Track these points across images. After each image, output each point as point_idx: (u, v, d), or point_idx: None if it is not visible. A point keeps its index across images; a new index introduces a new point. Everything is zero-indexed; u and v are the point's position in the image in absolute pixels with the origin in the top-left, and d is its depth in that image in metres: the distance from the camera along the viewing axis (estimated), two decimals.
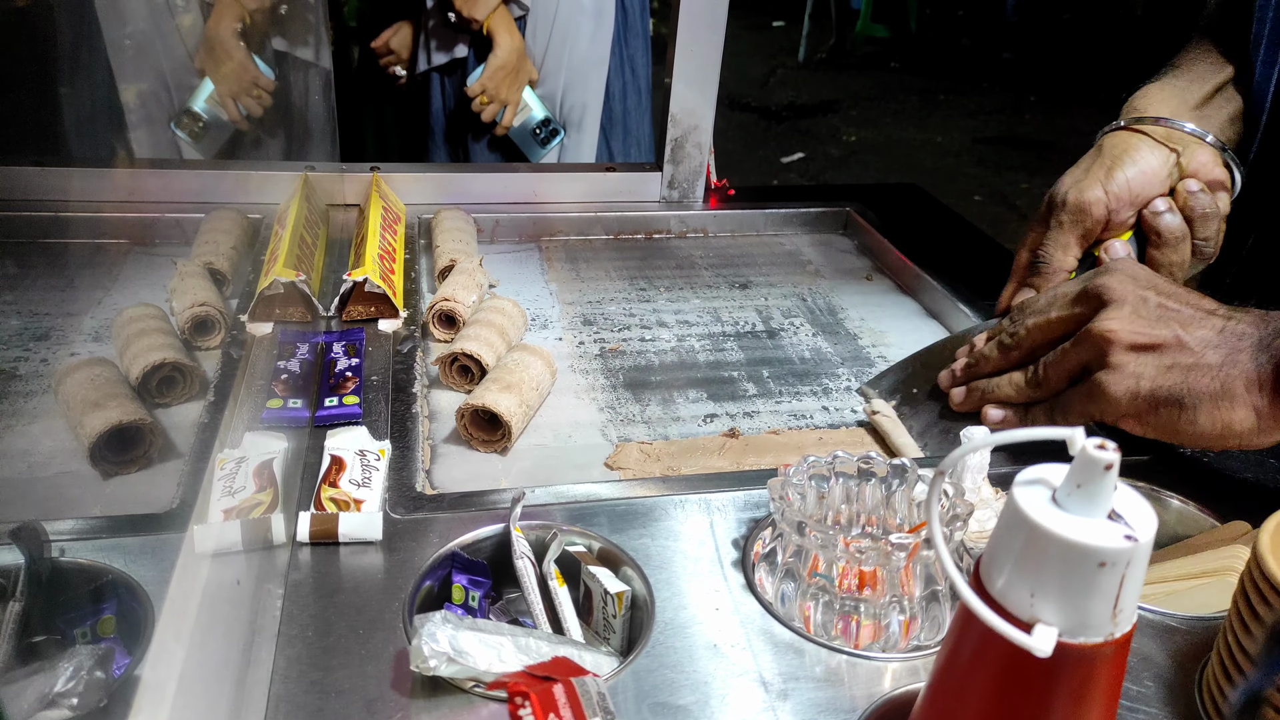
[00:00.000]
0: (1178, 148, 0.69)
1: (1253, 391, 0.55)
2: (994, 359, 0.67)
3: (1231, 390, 0.55)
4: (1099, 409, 0.60)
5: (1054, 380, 0.63)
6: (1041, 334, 0.64)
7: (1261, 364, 0.55)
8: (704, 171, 1.05)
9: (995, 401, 0.67)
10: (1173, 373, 0.57)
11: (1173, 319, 0.59)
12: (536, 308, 0.88)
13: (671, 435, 0.72)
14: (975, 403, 0.68)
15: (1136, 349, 0.58)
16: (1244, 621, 0.46)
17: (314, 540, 0.55)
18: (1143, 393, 0.57)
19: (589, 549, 0.57)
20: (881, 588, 0.51)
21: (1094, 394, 0.60)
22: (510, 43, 1.52)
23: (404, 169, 1.02)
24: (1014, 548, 0.38)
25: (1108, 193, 0.68)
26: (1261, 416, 0.55)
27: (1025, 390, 0.65)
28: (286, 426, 0.64)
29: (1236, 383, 0.55)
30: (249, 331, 0.75)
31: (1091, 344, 0.60)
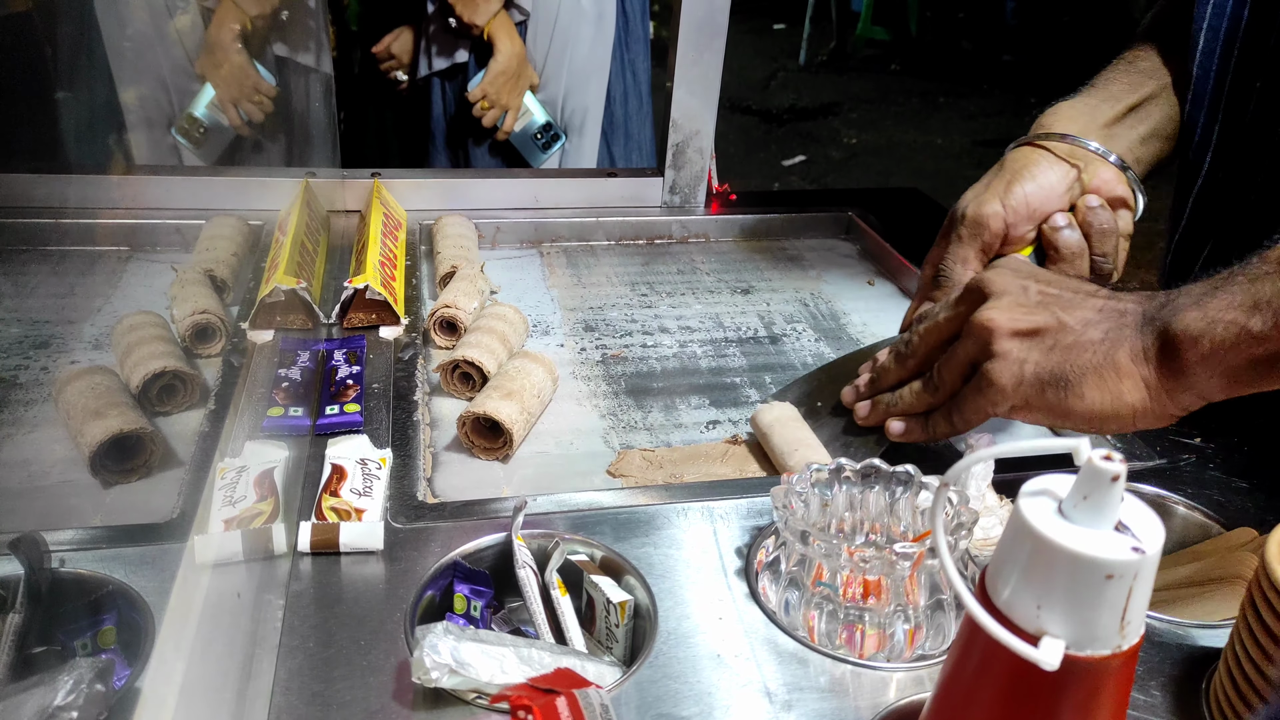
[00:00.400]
0: (1079, 164, 0.69)
1: (1139, 363, 0.55)
2: (893, 370, 0.67)
3: (1116, 362, 0.55)
4: (990, 400, 0.59)
5: (948, 381, 0.63)
6: (934, 337, 0.64)
7: (1146, 336, 0.55)
8: (705, 177, 1.05)
9: (899, 414, 0.67)
10: (1055, 353, 0.57)
11: (1053, 303, 0.59)
12: (538, 314, 0.88)
13: (674, 442, 0.71)
14: (879, 416, 0.68)
15: (1018, 335, 0.58)
16: (1252, 631, 0.45)
17: (315, 550, 0.55)
18: (1028, 377, 0.57)
19: (591, 558, 0.57)
20: (886, 597, 0.51)
21: (982, 386, 0.59)
22: (511, 48, 1.52)
23: (405, 175, 1.02)
24: (1020, 559, 0.37)
25: (1005, 206, 0.68)
26: (1151, 388, 0.54)
27: (924, 397, 0.65)
28: (287, 435, 0.64)
29: (1121, 355, 0.55)
30: (250, 339, 0.74)
31: (975, 336, 0.60)
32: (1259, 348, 0.51)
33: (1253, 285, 0.52)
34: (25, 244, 0.91)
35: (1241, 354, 0.51)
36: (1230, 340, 0.51)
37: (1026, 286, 0.60)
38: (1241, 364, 0.52)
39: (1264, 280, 0.51)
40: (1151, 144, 0.73)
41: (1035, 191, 0.68)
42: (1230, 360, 0.52)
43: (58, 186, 0.94)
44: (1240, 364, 0.52)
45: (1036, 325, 0.58)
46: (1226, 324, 0.51)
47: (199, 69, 1.17)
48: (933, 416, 0.65)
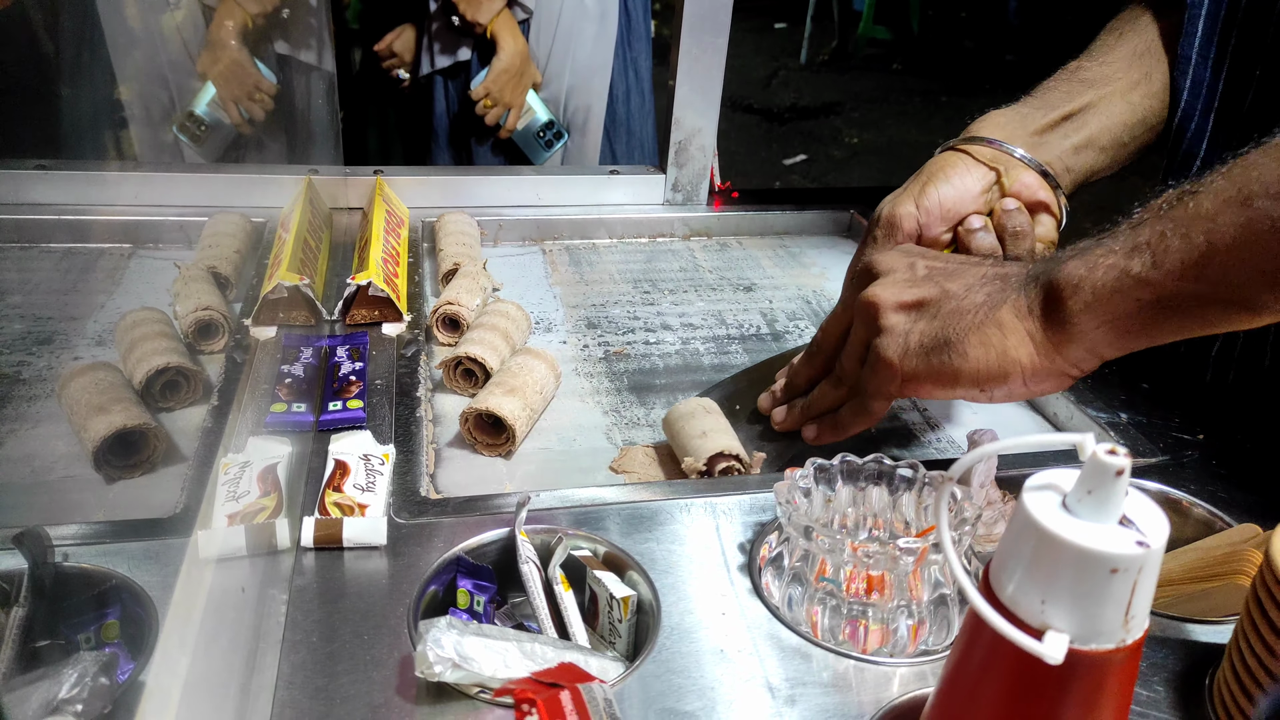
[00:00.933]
0: (1000, 168, 0.68)
1: (1023, 318, 0.54)
2: (804, 370, 0.67)
3: (999, 320, 0.55)
4: (881, 378, 0.59)
5: (850, 370, 0.62)
6: (834, 328, 0.64)
7: (1029, 291, 0.54)
8: (708, 174, 1.05)
9: (814, 415, 0.66)
10: (938, 320, 0.57)
11: (937, 276, 0.59)
12: (541, 311, 0.88)
13: None
14: (795, 421, 0.67)
15: (903, 309, 0.58)
16: (1256, 627, 0.45)
17: (318, 545, 0.55)
18: (913, 347, 0.57)
19: (594, 553, 0.57)
20: (889, 592, 0.51)
21: (874, 363, 0.59)
22: (514, 46, 1.52)
23: (407, 172, 1.02)
24: (1024, 554, 0.37)
25: (919, 207, 0.67)
26: (1037, 343, 0.54)
27: (833, 393, 0.64)
28: (290, 431, 0.64)
29: (1003, 312, 0.55)
30: (252, 335, 0.74)
31: (863, 315, 0.60)
32: (1142, 291, 0.50)
33: (1133, 231, 0.51)
34: (28, 240, 0.91)
35: (1125, 299, 0.50)
36: (1111, 284, 0.51)
37: (914, 264, 0.60)
38: (1128, 311, 0.51)
39: (1144, 225, 0.51)
40: (1085, 154, 0.72)
41: (950, 193, 0.67)
42: (1114, 307, 0.51)
43: (60, 183, 0.94)
44: (1126, 311, 0.51)
45: (920, 297, 0.58)
46: (1106, 268, 0.51)
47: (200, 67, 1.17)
48: (841, 411, 0.64)
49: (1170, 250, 0.49)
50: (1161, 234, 0.50)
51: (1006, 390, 0.56)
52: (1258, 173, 0.48)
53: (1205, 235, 0.48)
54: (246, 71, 1.15)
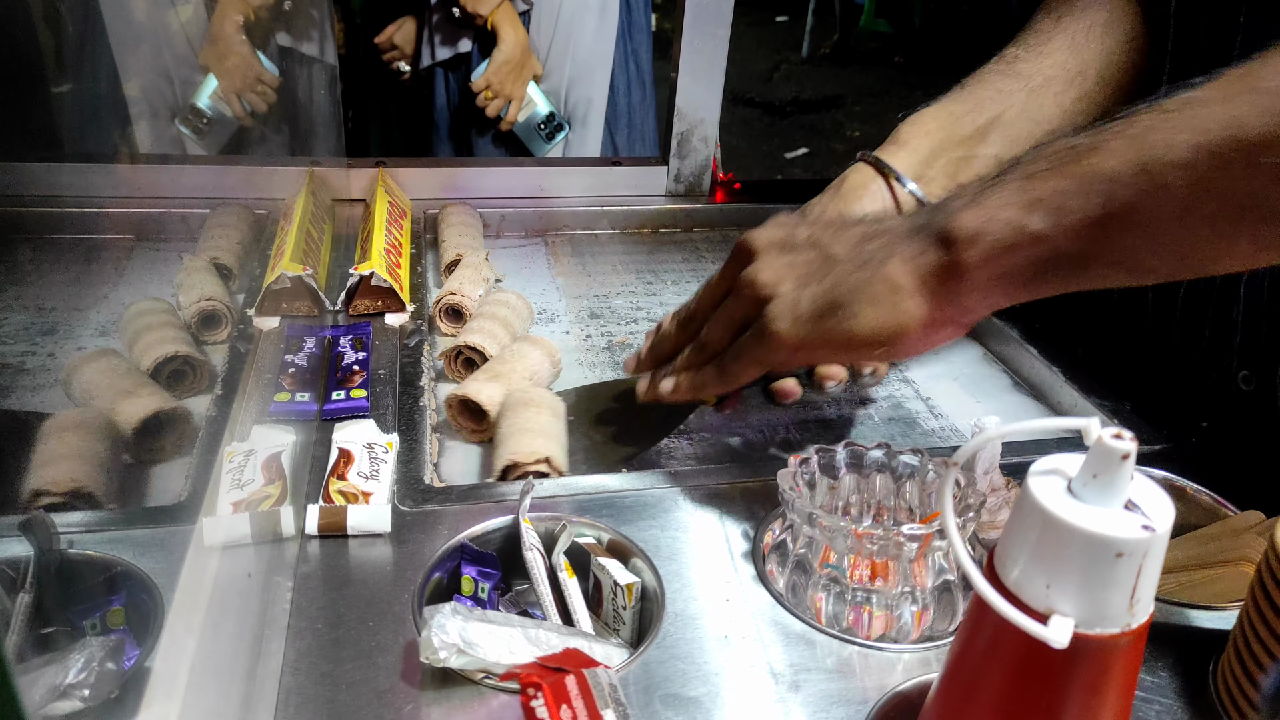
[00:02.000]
0: (901, 204, 0.67)
1: (914, 271, 0.52)
2: (673, 336, 0.64)
3: (888, 276, 0.53)
4: (769, 348, 0.57)
5: (716, 339, 0.60)
6: (708, 298, 0.62)
7: (917, 242, 0.52)
8: (710, 166, 1.05)
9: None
10: (825, 283, 0.55)
11: (818, 241, 0.57)
12: (543, 302, 0.88)
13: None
14: (654, 391, 0.63)
15: (788, 278, 0.56)
16: (1261, 613, 0.45)
17: (323, 533, 0.55)
18: (803, 314, 0.55)
19: (599, 540, 0.57)
20: (893, 578, 0.51)
21: (761, 335, 0.57)
22: (515, 38, 1.52)
23: (410, 164, 1.02)
24: (1029, 538, 0.37)
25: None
26: (931, 294, 0.52)
27: (694, 358, 0.62)
28: (294, 420, 0.64)
29: (892, 267, 0.52)
30: (256, 326, 0.74)
31: (747, 291, 0.58)
32: (1038, 248, 0.48)
33: (1029, 182, 0.49)
34: (32, 232, 0.91)
35: (1020, 255, 0.49)
36: (1008, 238, 0.49)
37: (792, 232, 0.58)
38: (1021, 264, 0.49)
39: (1040, 178, 0.49)
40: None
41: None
42: (1009, 260, 0.49)
43: (64, 176, 0.94)
44: (1020, 264, 0.49)
45: (805, 266, 0.56)
46: (1004, 222, 0.49)
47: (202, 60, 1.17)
48: (702, 369, 0.61)
49: (1068, 210, 0.47)
50: (1061, 191, 0.48)
51: (904, 346, 0.54)
52: (1158, 137, 0.46)
53: (1104, 199, 0.47)
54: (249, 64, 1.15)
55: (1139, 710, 0.47)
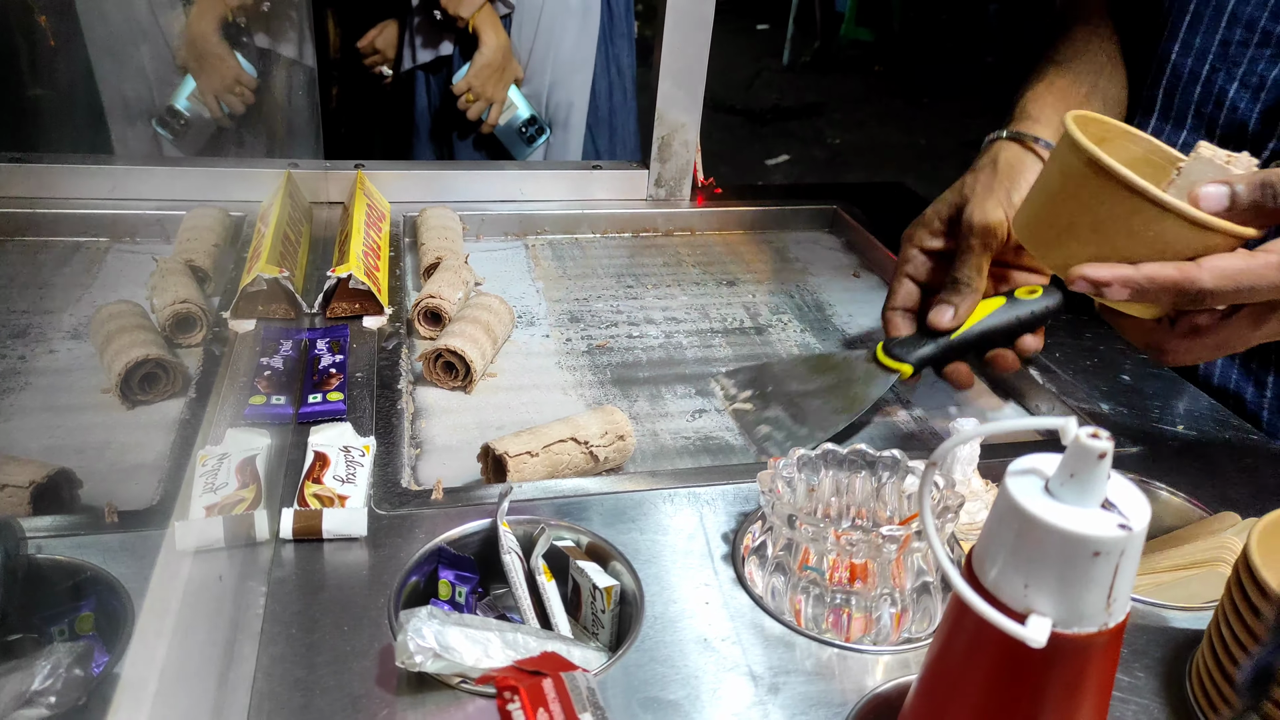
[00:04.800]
0: None
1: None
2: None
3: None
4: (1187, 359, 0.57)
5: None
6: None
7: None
8: (691, 170, 1.05)
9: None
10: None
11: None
12: (524, 305, 0.87)
13: (660, 431, 0.71)
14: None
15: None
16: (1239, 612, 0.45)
17: (298, 537, 0.54)
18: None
19: (577, 544, 0.57)
20: (873, 580, 0.51)
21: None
22: (496, 41, 1.52)
23: (389, 167, 1.01)
24: (1007, 538, 0.37)
25: (1008, 214, 0.66)
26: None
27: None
28: (270, 423, 0.63)
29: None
30: (231, 328, 0.73)
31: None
32: None
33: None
34: (2, 233, 0.90)
35: None
36: None
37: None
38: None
39: None
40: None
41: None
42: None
43: (35, 176, 0.92)
44: None
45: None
46: None
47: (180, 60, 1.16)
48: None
49: None
50: None
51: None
52: None
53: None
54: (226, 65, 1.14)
55: (1116, 710, 0.48)
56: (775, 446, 0.68)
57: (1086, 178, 0.50)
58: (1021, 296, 0.69)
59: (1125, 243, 0.50)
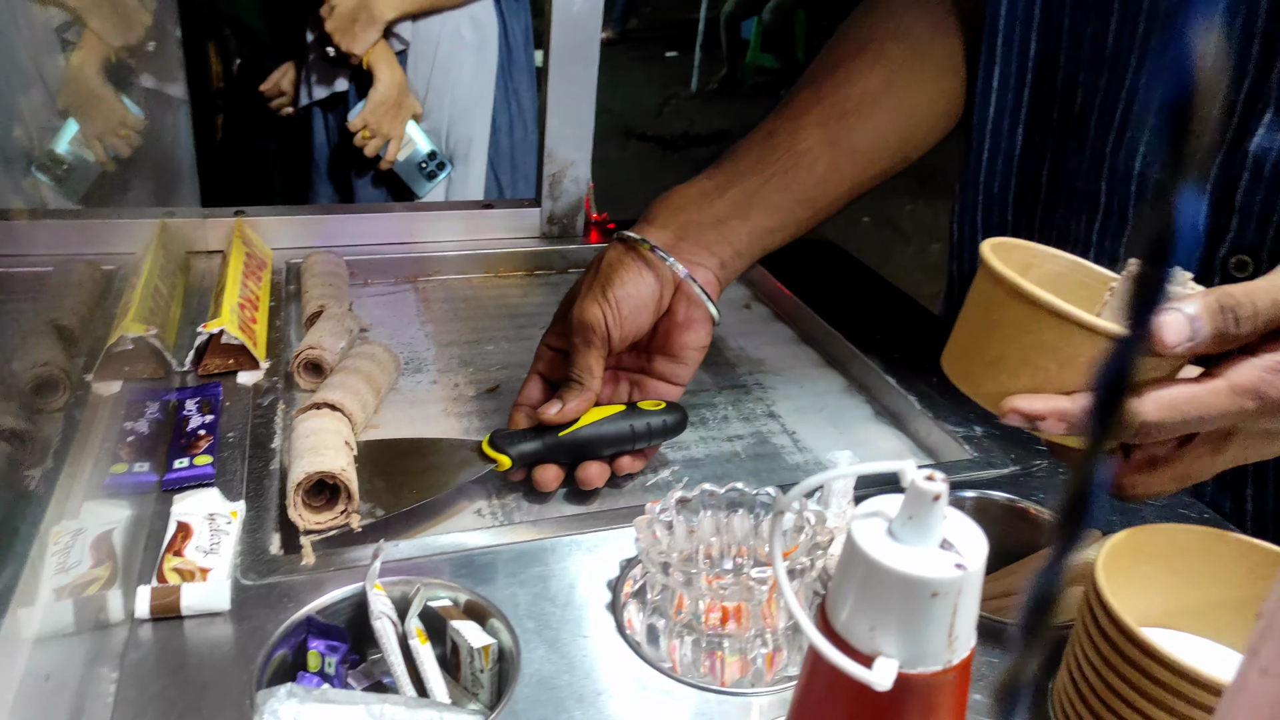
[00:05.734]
0: (664, 275, 0.67)
1: None
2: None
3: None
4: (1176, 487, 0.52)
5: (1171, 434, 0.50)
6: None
7: None
8: (583, 206, 1.05)
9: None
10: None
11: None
12: (411, 351, 0.86)
13: None
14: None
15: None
16: (1088, 632, 0.47)
17: (156, 615, 0.52)
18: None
19: (455, 602, 0.56)
20: (747, 621, 0.51)
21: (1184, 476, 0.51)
22: (391, 77, 1.50)
23: (273, 212, 0.99)
24: (854, 581, 0.38)
25: (605, 310, 0.65)
26: None
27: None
28: (131, 493, 0.60)
29: None
30: (95, 391, 0.70)
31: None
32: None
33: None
34: None
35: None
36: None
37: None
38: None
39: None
40: (766, 238, 0.72)
41: (626, 298, 0.66)
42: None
43: None
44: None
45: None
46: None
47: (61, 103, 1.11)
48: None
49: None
50: None
51: None
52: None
53: None
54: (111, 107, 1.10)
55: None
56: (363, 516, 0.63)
57: (1009, 307, 0.47)
58: (644, 407, 0.68)
59: (1058, 371, 0.47)
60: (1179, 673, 0.43)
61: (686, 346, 0.69)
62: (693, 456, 0.75)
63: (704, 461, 0.74)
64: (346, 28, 1.46)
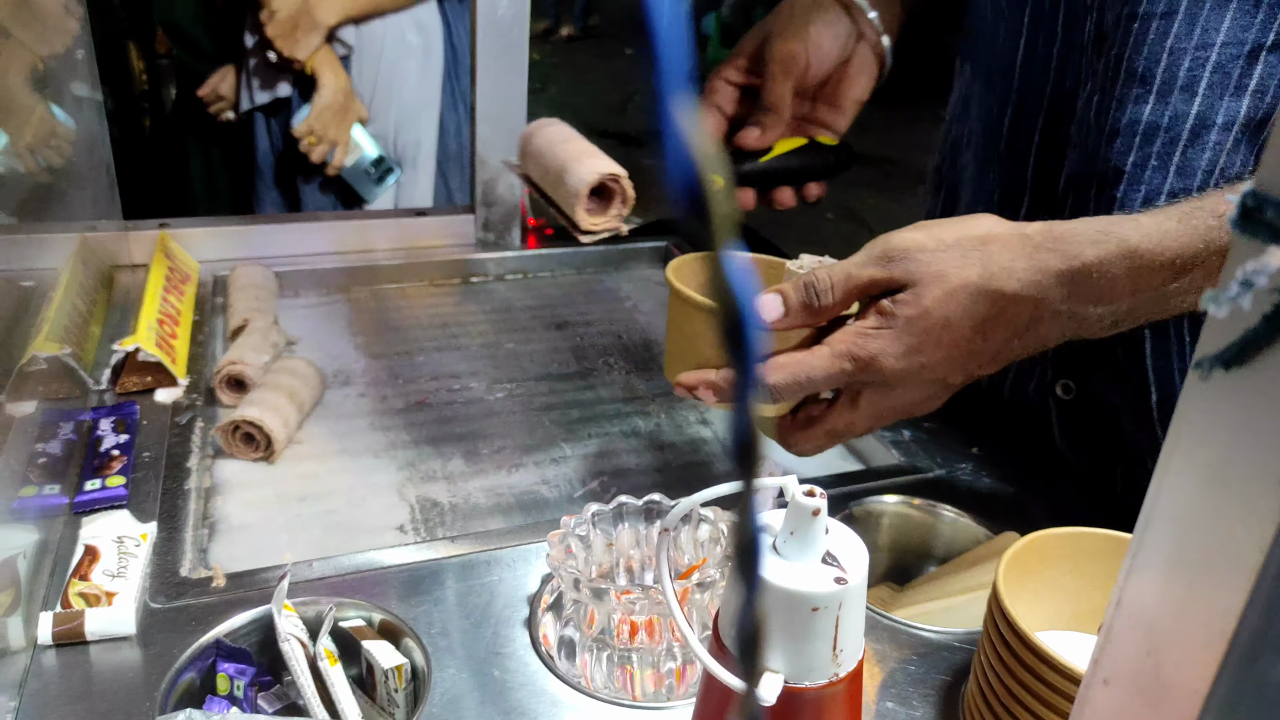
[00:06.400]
0: (859, 22, 0.71)
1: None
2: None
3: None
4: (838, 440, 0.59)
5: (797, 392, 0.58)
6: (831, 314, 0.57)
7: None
8: (518, 212, 1.05)
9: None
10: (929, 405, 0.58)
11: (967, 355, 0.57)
12: (339, 364, 0.85)
13: (473, 489, 0.70)
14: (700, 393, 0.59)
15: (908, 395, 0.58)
16: (990, 637, 0.48)
17: (59, 641, 0.51)
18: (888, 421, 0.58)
19: (369, 622, 0.55)
20: (658, 636, 0.51)
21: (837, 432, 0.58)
22: (335, 82, 1.49)
23: (199, 224, 0.97)
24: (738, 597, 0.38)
25: (805, 46, 0.70)
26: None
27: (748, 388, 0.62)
28: (38, 516, 0.59)
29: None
30: (8, 412, 0.69)
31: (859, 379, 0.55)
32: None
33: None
34: None
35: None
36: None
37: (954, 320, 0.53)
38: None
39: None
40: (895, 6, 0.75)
41: (824, 37, 0.70)
42: None
43: None
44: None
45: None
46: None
47: None
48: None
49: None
50: None
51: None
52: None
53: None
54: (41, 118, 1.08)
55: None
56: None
57: (673, 305, 0.58)
58: (822, 141, 0.74)
59: (712, 353, 0.56)
60: (1070, 676, 0.43)
61: (850, 97, 0.73)
62: (622, 467, 0.75)
63: (634, 472, 0.74)
64: (288, 34, 1.44)
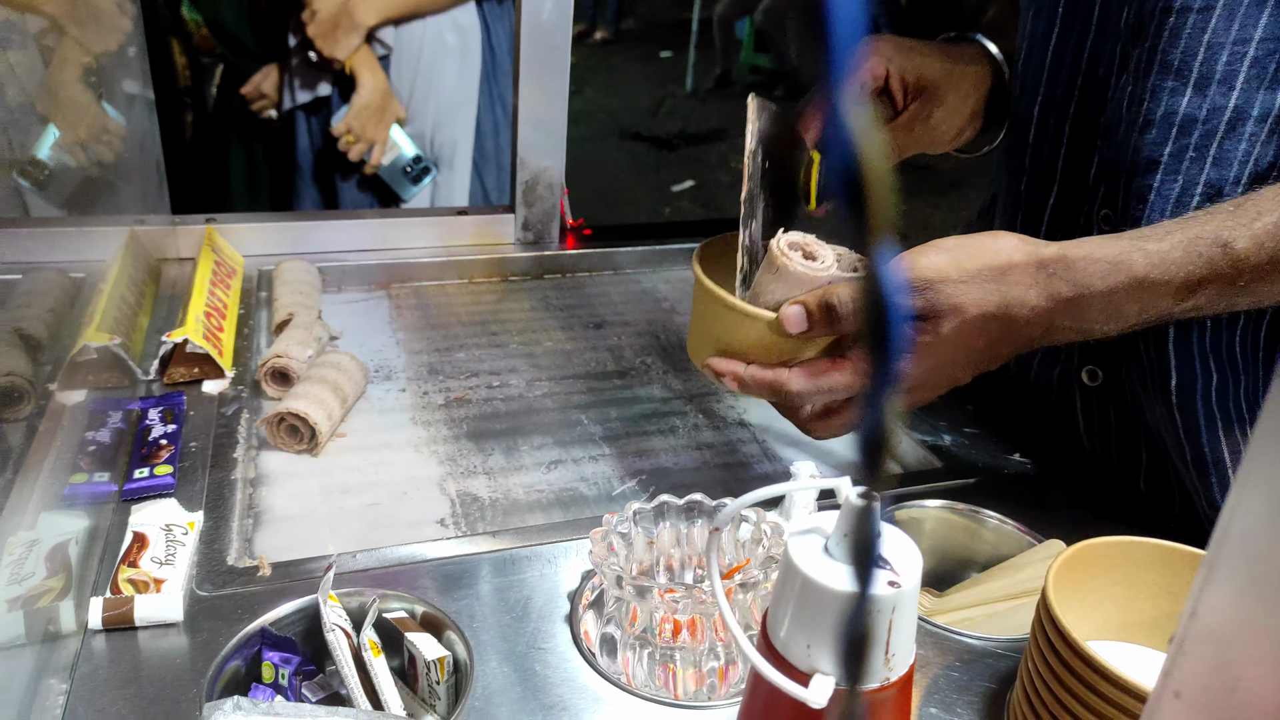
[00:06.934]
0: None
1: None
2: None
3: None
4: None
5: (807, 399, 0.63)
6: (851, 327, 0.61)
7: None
8: (558, 212, 1.05)
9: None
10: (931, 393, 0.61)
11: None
12: (381, 359, 0.86)
13: (513, 485, 0.71)
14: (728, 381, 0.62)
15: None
16: (1039, 646, 0.47)
17: (109, 626, 0.52)
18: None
19: (411, 614, 0.55)
20: (700, 635, 0.51)
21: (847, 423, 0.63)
22: (374, 82, 1.50)
23: (244, 219, 0.99)
24: (790, 598, 0.38)
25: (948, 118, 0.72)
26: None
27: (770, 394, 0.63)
28: (89, 503, 0.60)
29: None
30: (58, 400, 0.70)
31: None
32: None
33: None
34: None
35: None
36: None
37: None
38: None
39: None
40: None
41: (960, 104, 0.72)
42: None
43: None
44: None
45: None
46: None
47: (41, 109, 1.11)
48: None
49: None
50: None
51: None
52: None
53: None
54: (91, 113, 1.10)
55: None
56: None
57: (700, 299, 0.62)
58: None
59: (737, 346, 0.59)
60: (1123, 687, 0.43)
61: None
62: (661, 466, 0.75)
63: (672, 471, 0.74)
64: (328, 33, 1.46)
